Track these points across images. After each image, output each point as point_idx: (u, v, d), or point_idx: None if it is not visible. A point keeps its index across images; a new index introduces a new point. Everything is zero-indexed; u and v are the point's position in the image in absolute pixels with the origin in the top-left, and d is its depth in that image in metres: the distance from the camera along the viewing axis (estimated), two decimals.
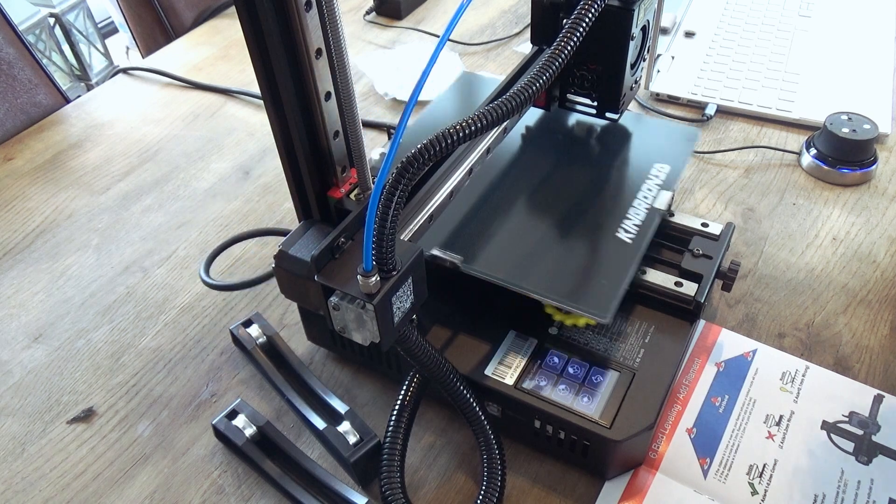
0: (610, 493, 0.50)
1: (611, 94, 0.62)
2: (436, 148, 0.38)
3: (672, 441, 0.53)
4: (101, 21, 2.27)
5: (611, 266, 0.52)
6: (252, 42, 0.40)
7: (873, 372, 0.57)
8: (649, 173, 0.60)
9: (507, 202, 0.58)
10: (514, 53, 0.99)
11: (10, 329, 0.67)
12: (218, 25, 1.13)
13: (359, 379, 0.60)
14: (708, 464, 0.52)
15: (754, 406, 0.55)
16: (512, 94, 0.41)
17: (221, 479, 0.54)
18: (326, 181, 0.47)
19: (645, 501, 0.50)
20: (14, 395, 0.61)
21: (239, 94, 0.96)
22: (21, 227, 0.78)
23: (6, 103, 0.93)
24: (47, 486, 0.55)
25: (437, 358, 0.48)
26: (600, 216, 0.56)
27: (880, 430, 0.53)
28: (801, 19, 0.96)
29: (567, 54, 0.45)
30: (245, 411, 0.55)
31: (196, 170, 0.84)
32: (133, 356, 0.63)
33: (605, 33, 0.57)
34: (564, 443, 0.51)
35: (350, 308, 0.42)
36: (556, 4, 0.57)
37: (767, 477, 0.51)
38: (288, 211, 0.77)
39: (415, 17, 1.10)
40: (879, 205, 0.71)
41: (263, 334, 0.61)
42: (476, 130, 0.39)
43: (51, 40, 2.04)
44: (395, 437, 0.50)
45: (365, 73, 0.96)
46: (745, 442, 0.53)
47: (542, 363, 0.52)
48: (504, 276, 0.51)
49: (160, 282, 0.70)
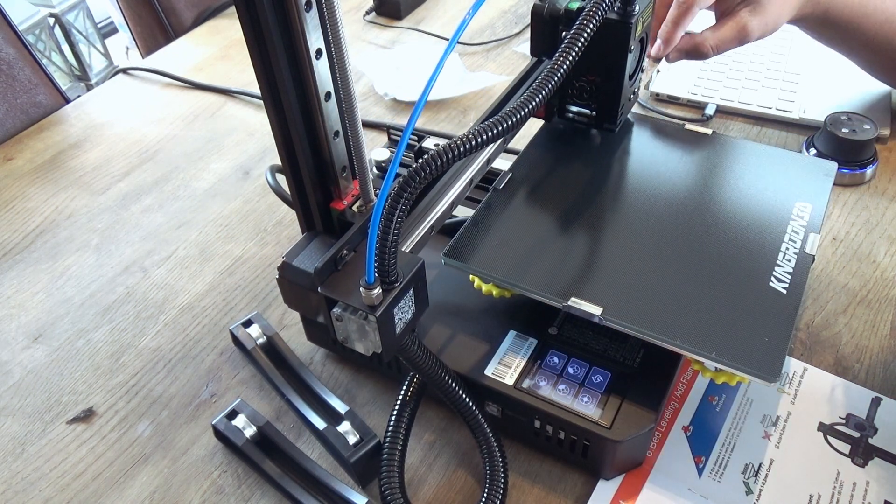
0: (604, 490, 0.50)
1: (609, 106, 0.62)
2: (438, 162, 0.39)
3: (668, 438, 0.53)
4: (100, 21, 2.27)
5: (769, 320, 0.47)
6: (252, 42, 0.40)
7: (872, 373, 0.57)
8: (792, 213, 0.54)
9: (638, 241, 0.53)
10: (514, 54, 0.99)
11: (9, 329, 0.67)
12: (218, 25, 1.13)
13: (359, 379, 0.60)
14: (703, 462, 0.52)
15: (751, 406, 0.55)
16: (514, 109, 0.42)
17: (221, 480, 0.54)
18: (329, 192, 0.48)
19: (639, 500, 0.50)
20: (14, 395, 0.61)
21: (239, 94, 0.96)
22: (21, 227, 0.78)
23: (6, 103, 0.93)
24: (47, 487, 0.55)
25: (439, 366, 0.48)
26: (748, 262, 0.51)
27: (877, 433, 0.53)
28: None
29: (567, 68, 0.45)
30: (245, 411, 0.55)
31: (196, 170, 0.84)
32: (133, 356, 0.63)
33: (603, 45, 0.57)
34: (564, 443, 0.51)
35: (353, 319, 0.42)
36: (555, 17, 0.57)
37: (763, 477, 0.51)
38: (288, 211, 0.77)
39: (415, 17, 1.10)
40: (879, 205, 0.71)
41: (263, 334, 0.61)
42: (478, 145, 0.40)
43: (51, 40, 2.04)
44: (395, 437, 0.50)
45: (365, 73, 0.96)
46: (741, 441, 0.53)
47: (542, 363, 0.52)
48: (650, 331, 0.46)
49: (160, 282, 0.70)
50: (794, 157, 0.60)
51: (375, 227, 0.38)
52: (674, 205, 0.56)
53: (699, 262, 0.51)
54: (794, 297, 0.48)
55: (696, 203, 0.56)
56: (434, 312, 0.55)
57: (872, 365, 0.58)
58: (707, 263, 0.51)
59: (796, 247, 0.52)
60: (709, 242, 0.52)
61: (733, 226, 0.54)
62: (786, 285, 0.49)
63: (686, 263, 0.51)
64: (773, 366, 0.44)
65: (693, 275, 0.50)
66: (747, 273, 0.50)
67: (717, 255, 0.52)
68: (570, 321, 0.54)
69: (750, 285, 0.49)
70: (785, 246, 0.52)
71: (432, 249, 0.54)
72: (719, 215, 0.55)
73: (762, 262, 0.51)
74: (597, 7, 0.48)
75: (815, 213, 0.55)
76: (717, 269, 0.51)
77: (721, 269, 0.50)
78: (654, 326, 0.47)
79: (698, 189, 0.57)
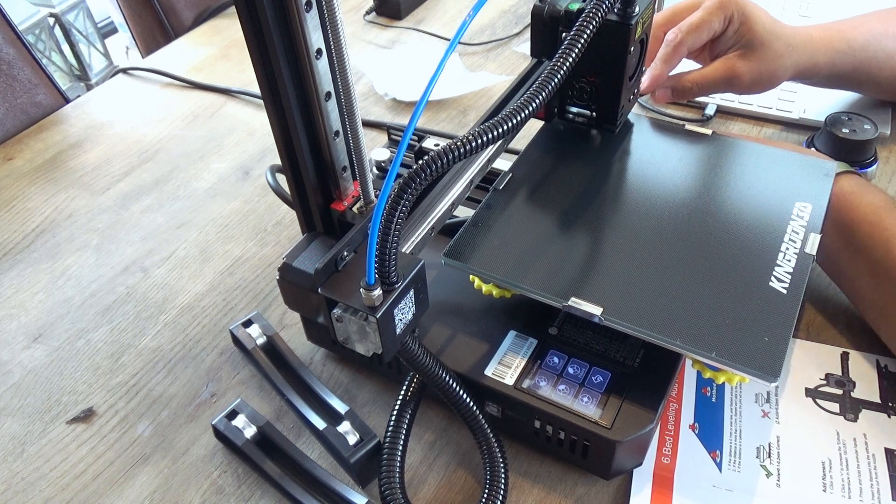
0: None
1: (609, 106, 0.62)
2: (438, 163, 0.39)
3: (679, 441, 0.53)
4: (100, 21, 2.27)
5: (769, 320, 0.47)
6: (252, 42, 0.40)
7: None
8: (792, 213, 0.54)
9: (638, 242, 0.53)
10: (514, 53, 0.99)
11: (9, 329, 0.67)
12: (218, 25, 1.13)
13: (359, 379, 0.60)
14: (719, 456, 0.52)
15: (741, 388, 0.56)
16: (514, 110, 0.42)
17: (221, 480, 0.54)
18: (329, 193, 0.48)
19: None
20: (14, 395, 0.61)
21: (239, 94, 0.96)
22: (21, 227, 0.78)
23: (6, 103, 0.93)
24: (47, 487, 0.55)
25: (439, 366, 0.48)
26: (748, 262, 0.51)
27: (856, 386, 0.55)
28: (801, 19, 0.96)
29: (567, 69, 0.45)
30: (245, 411, 0.55)
31: (196, 170, 0.84)
32: (133, 356, 0.63)
33: (603, 47, 0.57)
34: (564, 443, 0.51)
35: (353, 320, 0.42)
36: (555, 18, 0.57)
37: (776, 455, 0.52)
38: (288, 211, 0.77)
39: (415, 17, 1.10)
40: None
41: (263, 334, 0.61)
42: (479, 146, 0.40)
43: (51, 40, 2.04)
44: (395, 437, 0.50)
45: (365, 73, 0.96)
46: (745, 426, 0.54)
47: (542, 363, 0.52)
48: (650, 331, 0.46)
49: (160, 282, 0.70)
50: (794, 157, 0.60)
51: (376, 228, 0.38)
52: (674, 205, 0.56)
53: (699, 262, 0.51)
54: (794, 297, 0.48)
55: (696, 203, 0.56)
56: (434, 312, 0.55)
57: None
58: (707, 263, 0.51)
59: (796, 247, 0.52)
60: (709, 242, 0.52)
61: (733, 226, 0.54)
62: (786, 285, 0.49)
63: (686, 263, 0.51)
64: (774, 365, 0.44)
65: (693, 275, 0.50)
66: (747, 273, 0.50)
67: (718, 255, 0.52)
68: (571, 321, 0.54)
69: (750, 285, 0.49)
70: (785, 246, 0.52)
71: (432, 250, 0.54)
72: (719, 215, 0.55)
73: (762, 262, 0.51)
74: (597, 8, 0.48)
75: (815, 212, 0.55)
76: (718, 268, 0.51)
77: (721, 269, 0.50)
78: (654, 326, 0.47)
79: (698, 189, 0.57)
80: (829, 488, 0.50)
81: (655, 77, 0.68)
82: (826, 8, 0.98)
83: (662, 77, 0.68)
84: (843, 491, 0.50)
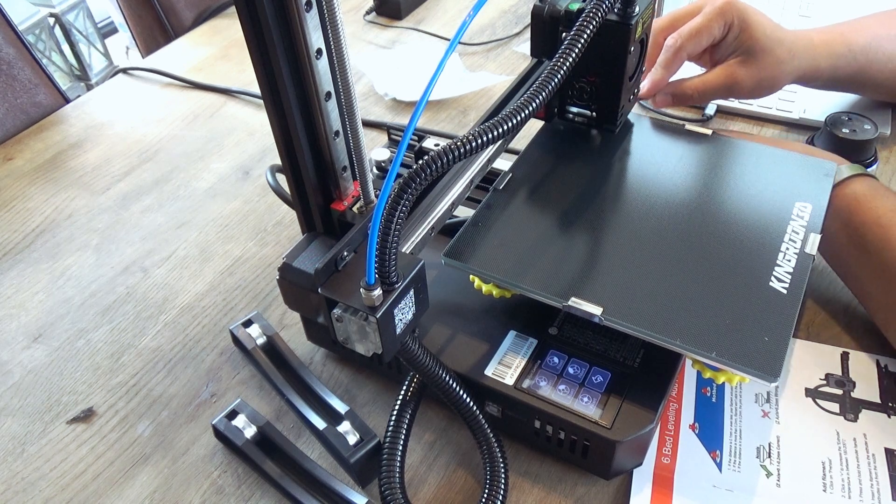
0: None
1: (609, 106, 0.62)
2: (438, 163, 0.39)
3: (679, 441, 0.53)
4: (100, 21, 2.27)
5: (769, 320, 0.47)
6: (252, 42, 0.40)
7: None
8: (792, 213, 0.54)
9: (638, 241, 0.53)
10: (514, 53, 0.99)
11: (9, 329, 0.67)
12: (218, 25, 1.13)
13: (359, 379, 0.60)
14: (719, 456, 0.52)
15: (741, 388, 0.56)
16: (514, 110, 0.42)
17: (221, 480, 0.54)
18: (329, 193, 0.48)
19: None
20: (14, 395, 0.61)
21: (239, 94, 0.96)
22: (21, 227, 0.78)
23: (6, 103, 0.93)
24: (47, 487, 0.55)
25: (439, 366, 0.48)
26: (748, 262, 0.51)
27: (856, 386, 0.55)
28: (801, 19, 0.96)
29: (567, 69, 0.45)
30: (245, 411, 0.55)
31: (196, 170, 0.84)
32: (133, 356, 0.63)
33: (603, 47, 0.57)
34: (564, 443, 0.51)
35: (353, 320, 0.42)
36: (555, 18, 0.57)
37: (776, 455, 0.52)
38: (288, 211, 0.77)
39: (415, 17, 1.10)
40: None
41: (263, 334, 0.61)
42: (479, 146, 0.40)
43: (51, 40, 2.04)
44: (396, 437, 0.50)
45: (365, 73, 0.96)
46: (745, 426, 0.54)
47: (542, 363, 0.52)
48: (650, 331, 0.46)
49: (160, 282, 0.70)
50: (794, 157, 0.60)
51: (376, 228, 0.38)
52: (674, 205, 0.56)
53: (699, 261, 0.51)
54: (794, 297, 0.48)
55: (697, 203, 0.56)
56: (434, 312, 0.55)
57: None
58: (707, 263, 0.51)
59: (796, 247, 0.52)
60: (709, 242, 0.52)
61: (733, 226, 0.54)
62: (786, 285, 0.49)
63: (686, 263, 0.51)
64: (774, 365, 0.44)
65: (693, 275, 0.50)
66: (747, 273, 0.50)
67: (718, 255, 0.51)
68: (571, 321, 0.54)
69: (750, 285, 0.49)
70: (785, 246, 0.52)
71: (432, 249, 0.54)
72: (719, 215, 0.55)
73: (762, 262, 0.51)
74: (597, 8, 0.48)
75: (815, 212, 0.55)
76: (718, 268, 0.50)
77: (721, 269, 0.50)
78: (654, 326, 0.47)
79: (698, 189, 0.57)
80: (829, 488, 0.50)
81: (656, 82, 0.68)
82: (826, 8, 0.98)
83: (662, 82, 0.68)
84: (843, 491, 0.50)
